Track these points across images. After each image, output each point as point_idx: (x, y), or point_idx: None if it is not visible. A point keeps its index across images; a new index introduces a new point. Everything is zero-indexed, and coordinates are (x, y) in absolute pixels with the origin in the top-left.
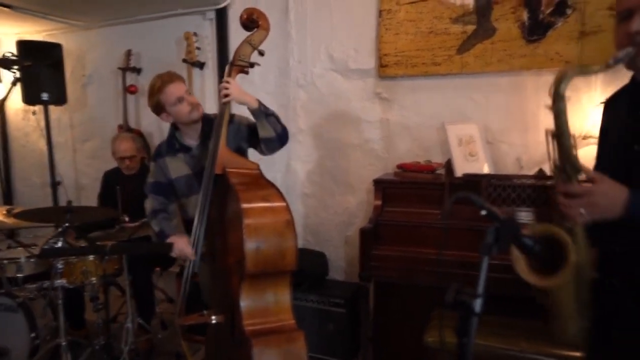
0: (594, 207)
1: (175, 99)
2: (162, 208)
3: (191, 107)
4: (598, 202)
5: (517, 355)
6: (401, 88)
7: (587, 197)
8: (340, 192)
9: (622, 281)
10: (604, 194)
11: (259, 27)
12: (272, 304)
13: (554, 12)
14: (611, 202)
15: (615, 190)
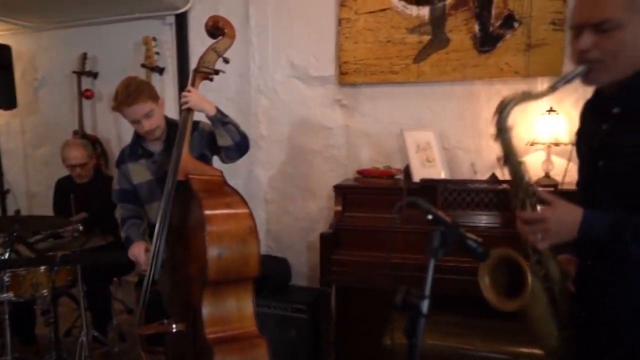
0: (549, 233)
1: (132, 119)
2: (131, 215)
3: (145, 131)
4: (552, 229)
5: (472, 354)
6: (361, 95)
7: (542, 224)
8: (301, 198)
9: (594, 294)
10: (558, 219)
11: (225, 34)
12: (235, 311)
13: (502, 25)
14: (566, 227)
15: (569, 214)
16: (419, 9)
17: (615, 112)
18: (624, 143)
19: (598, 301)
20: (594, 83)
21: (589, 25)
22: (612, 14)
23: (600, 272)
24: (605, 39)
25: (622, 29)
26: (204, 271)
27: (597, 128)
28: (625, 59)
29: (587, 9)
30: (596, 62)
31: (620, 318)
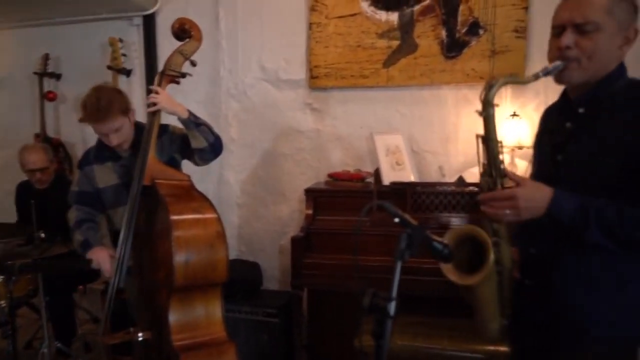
0: (518, 210)
1: (100, 133)
2: (88, 218)
3: (112, 146)
4: (521, 205)
5: (440, 354)
6: (331, 99)
7: (512, 200)
8: (273, 201)
9: (535, 282)
10: (527, 196)
11: (192, 37)
12: (203, 317)
13: (468, 32)
14: (534, 204)
15: (538, 192)
16: (388, 15)
17: (580, 112)
18: (585, 139)
19: (533, 288)
20: (567, 81)
21: (573, 25)
22: (594, 16)
23: (540, 260)
24: (584, 39)
25: (600, 31)
26: (171, 277)
27: (561, 126)
28: (598, 61)
29: (572, 10)
30: (573, 60)
31: (552, 305)
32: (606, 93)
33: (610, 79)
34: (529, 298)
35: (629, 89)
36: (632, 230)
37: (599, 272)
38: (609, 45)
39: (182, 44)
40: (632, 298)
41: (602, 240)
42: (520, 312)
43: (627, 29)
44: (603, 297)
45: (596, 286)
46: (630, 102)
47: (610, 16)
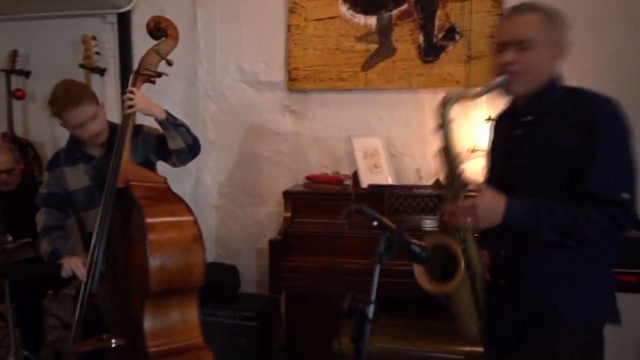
0: (477, 218)
1: (75, 124)
2: (57, 225)
3: (90, 136)
4: (480, 213)
5: (418, 355)
6: (310, 101)
7: (471, 210)
8: (250, 204)
9: (508, 281)
10: (485, 205)
11: (168, 36)
12: (179, 323)
13: (445, 37)
14: (492, 213)
15: (494, 201)
16: (366, 18)
17: (527, 119)
18: (534, 145)
19: (508, 288)
20: (512, 92)
21: (513, 42)
22: (530, 34)
23: (512, 260)
24: (523, 55)
25: (536, 47)
26: (146, 282)
27: (512, 134)
28: (537, 73)
29: (511, 30)
30: (516, 74)
31: (526, 303)
32: (548, 101)
33: (550, 88)
34: (505, 297)
35: (567, 96)
36: (583, 226)
37: (567, 266)
38: (546, 59)
39: (157, 42)
40: (597, 287)
41: (558, 238)
42: (496, 311)
43: (558, 44)
44: (573, 289)
45: (566, 280)
46: (569, 108)
47: (544, 33)
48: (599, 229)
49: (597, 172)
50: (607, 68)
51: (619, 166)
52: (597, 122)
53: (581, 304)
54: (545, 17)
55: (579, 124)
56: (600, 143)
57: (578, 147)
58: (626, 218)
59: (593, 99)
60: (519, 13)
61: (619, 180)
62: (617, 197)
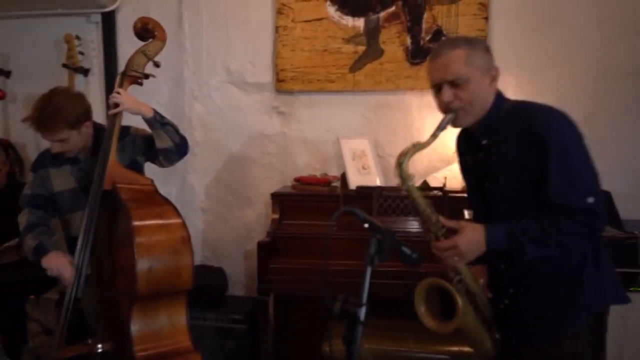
0: (462, 255)
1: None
2: (41, 222)
3: (57, 153)
4: (464, 250)
5: (407, 355)
6: (298, 103)
7: (453, 250)
8: (238, 206)
9: (515, 289)
10: (466, 242)
11: (155, 37)
12: (167, 326)
13: (432, 40)
14: (474, 246)
15: (473, 235)
16: (354, 20)
17: (484, 143)
18: (494, 167)
19: (517, 294)
20: (461, 126)
21: (445, 82)
22: (459, 70)
23: (512, 272)
24: (460, 91)
25: (469, 81)
26: (133, 285)
27: (475, 157)
28: (478, 103)
29: (440, 71)
30: (459, 109)
31: (531, 306)
32: (497, 120)
33: (494, 110)
34: (512, 305)
35: (512, 114)
36: (557, 237)
37: (562, 266)
38: (481, 88)
39: (144, 44)
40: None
41: (541, 252)
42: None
43: (488, 70)
44: (572, 286)
45: (564, 278)
46: (518, 126)
47: (471, 66)
48: (572, 236)
49: (557, 184)
50: (588, 72)
51: (576, 174)
52: (546, 136)
53: (582, 297)
54: (468, 49)
55: (526, 140)
56: (553, 156)
57: (531, 162)
58: (596, 220)
59: (538, 114)
60: (442, 52)
61: (579, 187)
62: (582, 204)
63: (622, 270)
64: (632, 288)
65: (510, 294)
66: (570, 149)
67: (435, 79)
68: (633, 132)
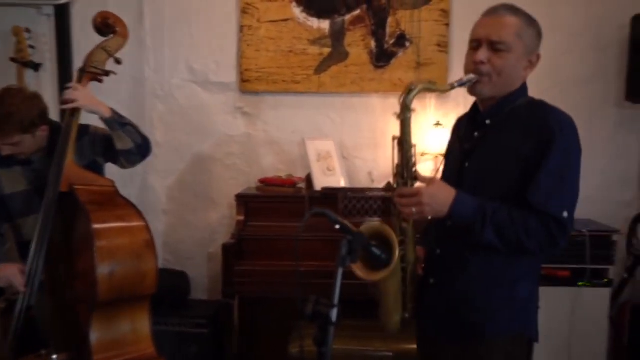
0: (423, 206)
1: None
2: None
3: (3, 154)
4: (426, 202)
5: (374, 355)
6: (263, 103)
7: (417, 197)
8: (201, 207)
9: (439, 281)
10: (431, 194)
11: (116, 33)
12: (129, 333)
13: (395, 44)
14: (438, 202)
15: (443, 192)
16: (319, 22)
17: (487, 123)
18: (489, 148)
19: (437, 287)
20: (479, 93)
21: (488, 41)
22: (506, 37)
23: (445, 260)
24: (496, 57)
25: (510, 52)
26: (93, 291)
27: (470, 136)
28: (505, 79)
29: (488, 28)
30: (485, 75)
31: (455, 303)
32: (510, 108)
33: (514, 96)
34: (433, 295)
35: (529, 107)
36: (519, 232)
37: (498, 272)
38: (516, 66)
39: (105, 39)
40: (522, 297)
41: (493, 239)
42: (424, 308)
43: (531, 53)
44: (500, 295)
45: (494, 285)
46: (530, 118)
47: (519, 40)
48: (534, 239)
49: (544, 185)
50: (544, 78)
51: (564, 185)
52: (552, 136)
53: (506, 310)
54: (526, 24)
55: (535, 134)
56: (552, 157)
57: (529, 156)
58: (561, 235)
59: (552, 113)
60: (500, 13)
61: (562, 198)
62: (558, 215)
63: (571, 266)
64: (581, 283)
65: (430, 284)
66: (570, 159)
67: (480, 34)
68: (583, 136)
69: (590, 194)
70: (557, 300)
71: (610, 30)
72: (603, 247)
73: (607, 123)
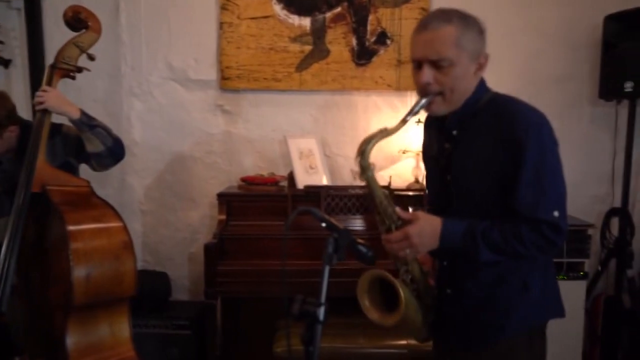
0: (414, 247)
1: None
2: None
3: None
4: (415, 241)
5: (358, 352)
6: (244, 101)
7: (406, 240)
8: (182, 207)
9: (452, 290)
10: (418, 233)
11: (89, 28)
12: (108, 337)
13: (377, 41)
14: (427, 238)
15: (429, 227)
16: (300, 19)
17: (454, 133)
18: (462, 162)
19: (453, 297)
20: (435, 114)
21: (427, 61)
22: (446, 53)
23: (454, 271)
24: (442, 75)
25: (454, 65)
26: (69, 295)
27: (442, 147)
28: (459, 92)
29: (425, 48)
30: (437, 94)
31: (470, 310)
32: (473, 112)
33: (473, 100)
34: (451, 304)
35: (493, 106)
36: (515, 245)
37: (508, 271)
38: (466, 75)
39: (77, 35)
40: (536, 289)
41: (493, 257)
42: (444, 318)
43: (478, 56)
44: (515, 292)
45: (508, 284)
46: (495, 121)
47: (461, 49)
48: (532, 247)
49: (526, 193)
50: (519, 77)
51: (547, 186)
52: (523, 141)
53: (523, 308)
54: (462, 29)
55: (504, 140)
56: (527, 165)
57: (505, 167)
58: (557, 235)
59: (519, 114)
60: (433, 26)
61: (548, 200)
62: (547, 217)
63: None
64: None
65: (448, 295)
66: (545, 159)
67: (418, 54)
68: (558, 133)
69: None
70: None
71: (584, 31)
72: (579, 241)
73: (581, 121)
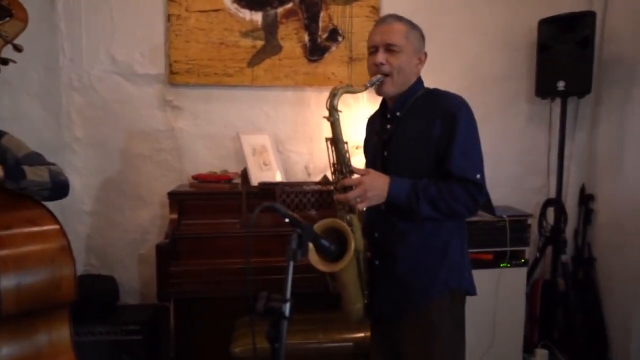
0: (365, 194)
1: None
2: None
3: None
4: (367, 190)
5: (317, 347)
6: (194, 97)
7: (359, 187)
8: (130, 207)
9: (381, 261)
10: (371, 182)
11: (12, 16)
12: (45, 345)
13: (328, 38)
14: (378, 189)
15: (379, 179)
16: (251, 14)
17: (397, 115)
18: (403, 135)
19: (381, 267)
20: (384, 93)
21: (383, 45)
22: (397, 40)
23: (383, 241)
24: (393, 57)
25: (402, 52)
26: None
27: (384, 128)
28: (403, 76)
29: (382, 35)
30: (388, 74)
31: (398, 277)
32: (412, 99)
33: (413, 89)
34: (380, 275)
35: (428, 96)
36: (448, 200)
37: (430, 238)
38: (410, 64)
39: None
40: (454, 254)
41: (430, 212)
42: (374, 289)
43: (419, 52)
44: (436, 257)
45: (430, 250)
46: (432, 104)
47: (408, 41)
48: (461, 202)
49: (458, 157)
50: (465, 76)
51: (472, 152)
52: (455, 116)
53: (443, 271)
54: (411, 28)
55: (440, 115)
56: (459, 132)
57: (440, 136)
58: (480, 195)
59: (449, 98)
60: (389, 21)
61: (472, 164)
62: (473, 178)
63: (493, 249)
64: (502, 264)
65: (376, 266)
66: (470, 131)
67: (376, 40)
68: (496, 130)
69: (506, 182)
70: (483, 282)
71: (521, 34)
72: (520, 230)
73: (519, 117)
